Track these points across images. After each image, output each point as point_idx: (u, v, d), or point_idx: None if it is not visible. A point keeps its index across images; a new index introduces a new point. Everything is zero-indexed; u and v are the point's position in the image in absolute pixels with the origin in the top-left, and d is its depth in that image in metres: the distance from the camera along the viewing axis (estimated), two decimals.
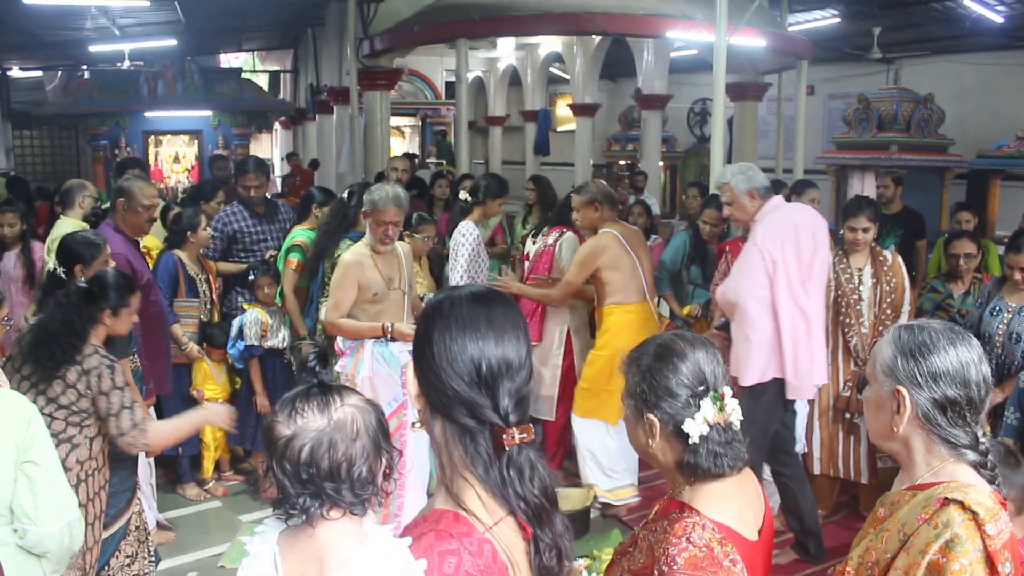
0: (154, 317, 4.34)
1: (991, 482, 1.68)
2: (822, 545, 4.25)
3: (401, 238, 5.78)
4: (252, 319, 5.13)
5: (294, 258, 5.23)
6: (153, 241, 5.55)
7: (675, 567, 1.53)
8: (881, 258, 4.61)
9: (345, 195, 5.23)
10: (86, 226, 4.82)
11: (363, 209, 4.38)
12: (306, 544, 1.51)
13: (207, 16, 10.95)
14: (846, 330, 4.50)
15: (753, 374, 3.93)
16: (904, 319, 4.45)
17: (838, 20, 10.85)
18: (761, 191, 4.03)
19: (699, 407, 1.64)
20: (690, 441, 1.64)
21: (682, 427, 1.64)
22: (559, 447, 5.35)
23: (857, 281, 4.56)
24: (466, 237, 5.46)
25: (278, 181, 15.55)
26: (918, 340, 1.71)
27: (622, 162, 15.36)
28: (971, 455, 1.69)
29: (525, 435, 1.40)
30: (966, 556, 1.54)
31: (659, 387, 1.67)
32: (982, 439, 1.71)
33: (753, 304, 3.92)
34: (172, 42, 11.77)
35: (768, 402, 3.99)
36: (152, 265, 4.96)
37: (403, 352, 4.38)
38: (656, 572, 1.55)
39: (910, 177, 9.05)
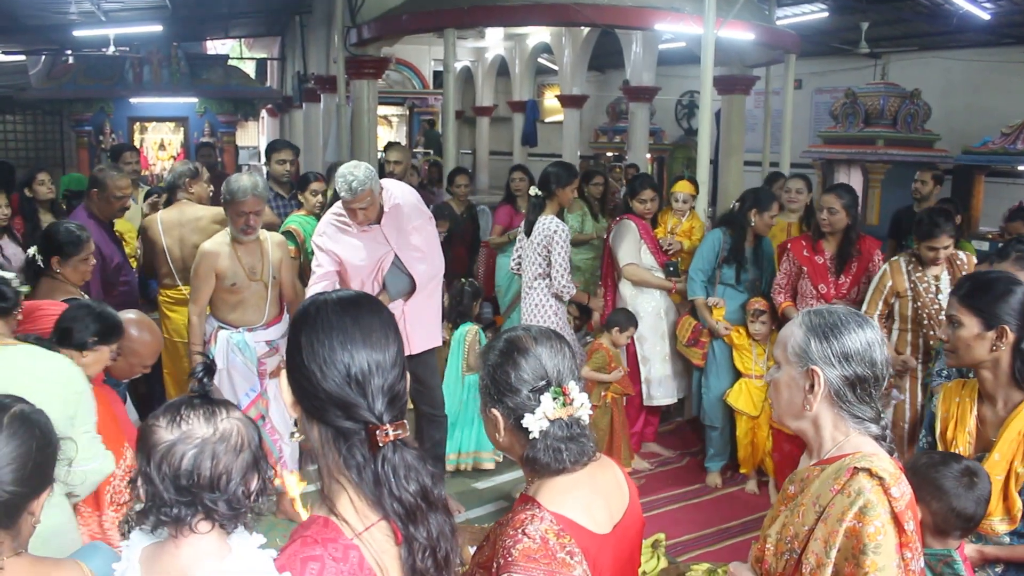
0: (122, 296, 4.59)
1: (890, 453, 1.80)
2: None
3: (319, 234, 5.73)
4: None
5: (289, 246, 5.17)
6: (126, 225, 5.66)
7: (510, 559, 1.56)
8: (958, 263, 4.36)
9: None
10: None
11: (223, 199, 4.29)
12: (168, 561, 1.48)
13: (193, 2, 10.86)
14: (932, 342, 4.23)
15: (440, 336, 4.75)
16: None
17: (826, 14, 10.89)
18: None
19: (539, 402, 1.66)
20: (530, 436, 1.66)
21: (522, 422, 1.66)
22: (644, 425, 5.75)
23: (935, 290, 4.32)
24: (558, 233, 5.01)
25: (264, 169, 15.41)
26: (829, 322, 1.80)
27: (609, 154, 15.34)
28: (874, 428, 1.81)
29: (400, 432, 1.41)
30: (879, 519, 1.65)
31: (501, 382, 1.69)
32: (882, 414, 1.82)
33: (436, 281, 4.60)
34: (158, 28, 11.65)
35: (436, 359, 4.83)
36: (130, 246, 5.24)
37: (259, 343, 4.40)
38: (495, 564, 1.59)
39: (895, 172, 9.12)
